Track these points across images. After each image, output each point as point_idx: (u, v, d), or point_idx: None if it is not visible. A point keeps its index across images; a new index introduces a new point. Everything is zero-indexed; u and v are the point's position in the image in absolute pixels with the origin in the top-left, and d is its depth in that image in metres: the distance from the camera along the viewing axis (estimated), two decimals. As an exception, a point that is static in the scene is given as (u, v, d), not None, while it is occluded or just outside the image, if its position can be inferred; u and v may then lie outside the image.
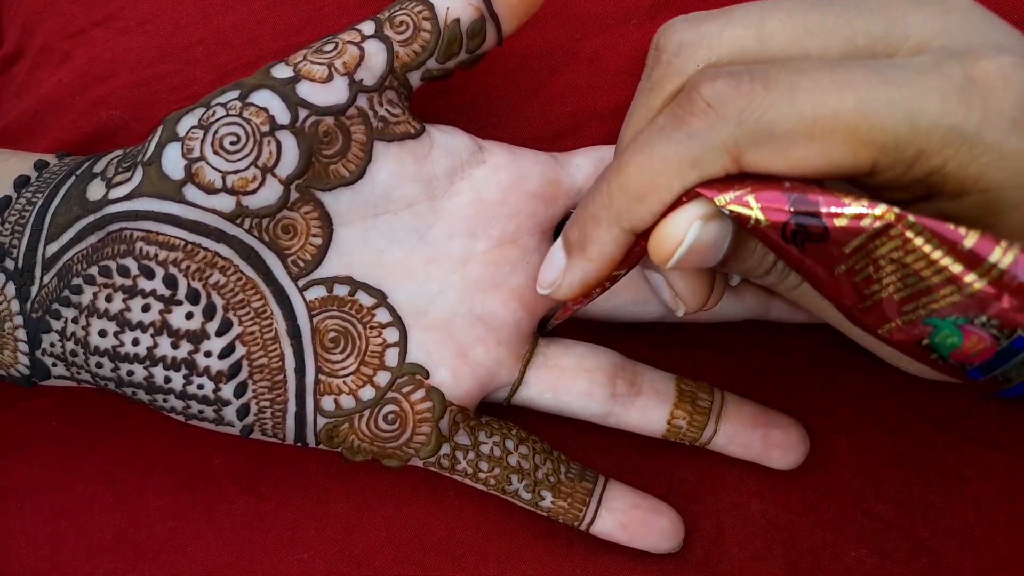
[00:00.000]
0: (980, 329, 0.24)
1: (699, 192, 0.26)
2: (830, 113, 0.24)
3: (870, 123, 0.23)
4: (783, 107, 0.24)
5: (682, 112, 0.26)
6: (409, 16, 0.33)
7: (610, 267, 0.29)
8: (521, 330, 0.34)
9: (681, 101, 0.26)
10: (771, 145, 0.24)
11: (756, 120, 0.24)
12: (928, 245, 0.23)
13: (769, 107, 0.24)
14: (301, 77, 0.32)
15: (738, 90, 0.24)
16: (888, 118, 0.23)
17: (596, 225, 0.28)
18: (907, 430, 0.37)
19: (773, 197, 0.25)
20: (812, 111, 0.24)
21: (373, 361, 0.33)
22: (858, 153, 0.24)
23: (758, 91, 0.24)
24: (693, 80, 0.26)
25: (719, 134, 0.25)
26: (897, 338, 0.25)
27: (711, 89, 0.25)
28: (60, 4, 0.43)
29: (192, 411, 0.32)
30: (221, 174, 0.31)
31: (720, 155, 0.25)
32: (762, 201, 0.25)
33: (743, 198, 0.25)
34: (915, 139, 0.23)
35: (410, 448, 0.33)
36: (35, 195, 0.34)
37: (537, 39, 0.40)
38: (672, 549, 0.35)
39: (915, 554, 0.35)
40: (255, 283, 0.32)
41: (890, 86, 0.23)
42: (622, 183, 0.27)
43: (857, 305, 0.25)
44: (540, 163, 0.35)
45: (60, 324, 0.32)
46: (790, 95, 0.24)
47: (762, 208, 0.25)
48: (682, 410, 0.35)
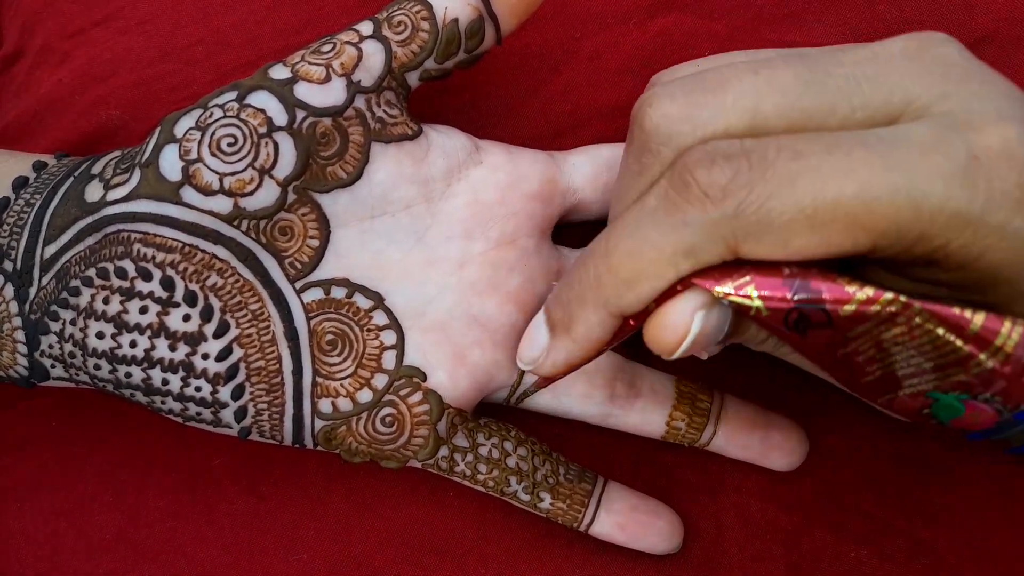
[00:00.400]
0: (983, 404, 0.24)
1: (695, 283, 0.25)
2: (831, 202, 0.23)
3: (871, 211, 0.23)
4: (783, 198, 0.23)
5: (676, 197, 0.25)
6: (407, 16, 0.33)
7: (596, 349, 0.28)
8: (518, 332, 0.34)
9: (675, 183, 0.25)
10: (770, 236, 0.23)
11: (755, 212, 0.23)
12: (937, 330, 0.23)
13: (768, 198, 0.23)
14: (299, 78, 0.32)
15: (736, 180, 0.24)
16: (890, 206, 0.23)
17: (582, 307, 0.27)
18: (907, 430, 0.36)
19: (774, 285, 0.24)
20: (812, 201, 0.23)
21: (370, 363, 0.33)
22: (858, 238, 0.23)
23: (756, 180, 0.23)
24: (688, 161, 0.25)
25: (716, 224, 0.24)
26: (897, 408, 0.25)
27: (707, 176, 0.24)
28: (60, 4, 0.43)
29: (190, 413, 0.33)
30: (218, 176, 0.31)
31: (717, 245, 0.24)
32: (762, 290, 0.24)
33: (743, 289, 0.24)
34: (918, 223, 0.23)
35: (408, 450, 0.33)
36: (33, 196, 0.34)
37: (537, 38, 0.40)
38: (671, 550, 0.35)
39: (915, 554, 0.35)
40: (252, 285, 0.32)
41: (891, 171, 0.23)
42: (611, 267, 0.26)
43: (858, 379, 0.25)
44: (538, 162, 0.35)
45: (58, 326, 0.32)
46: (789, 185, 0.23)
47: (763, 298, 0.24)
48: (681, 412, 0.35)
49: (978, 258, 0.23)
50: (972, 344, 0.23)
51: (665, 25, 0.40)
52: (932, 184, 0.23)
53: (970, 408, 0.24)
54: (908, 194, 0.22)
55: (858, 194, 0.23)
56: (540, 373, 0.30)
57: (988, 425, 0.24)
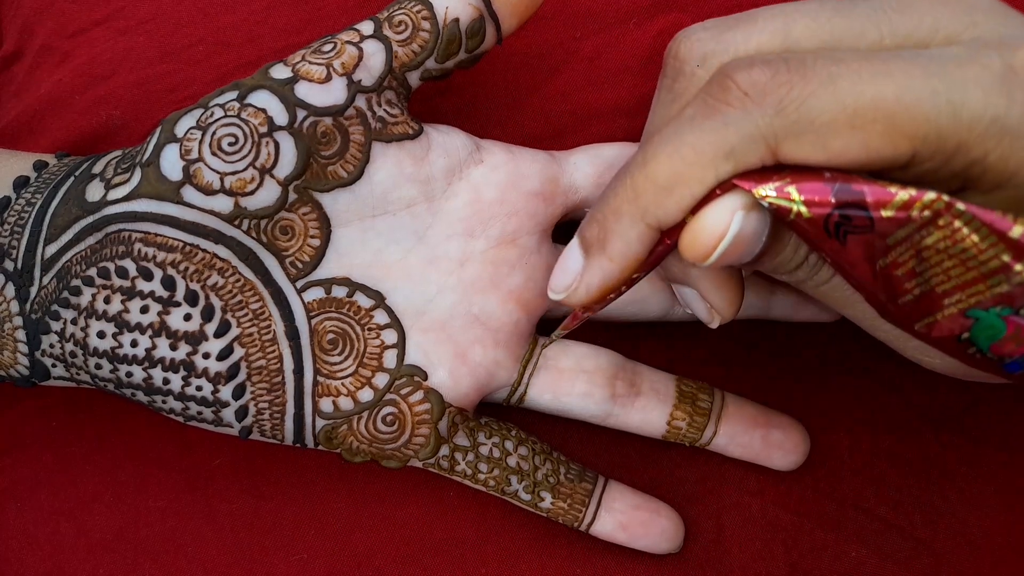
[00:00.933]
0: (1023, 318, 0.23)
1: (735, 184, 0.25)
2: (870, 103, 0.23)
3: (911, 114, 0.23)
4: (823, 96, 0.23)
5: (715, 100, 0.25)
6: (408, 16, 0.33)
7: (633, 267, 0.27)
8: (519, 331, 0.34)
9: (713, 89, 0.25)
10: (811, 136, 0.23)
11: (796, 109, 0.23)
12: (976, 235, 0.22)
13: (809, 96, 0.23)
14: (299, 78, 0.32)
15: (776, 79, 0.24)
16: (931, 109, 0.23)
17: (618, 220, 0.26)
18: (907, 430, 0.37)
19: (816, 188, 0.24)
20: (853, 101, 0.23)
21: (371, 363, 0.33)
22: (898, 144, 0.23)
23: (796, 80, 0.24)
24: (726, 68, 0.25)
25: (757, 123, 0.24)
26: (936, 334, 0.24)
27: (747, 77, 0.24)
28: (60, 4, 0.43)
29: (191, 412, 0.33)
30: (219, 175, 0.31)
31: (757, 145, 0.24)
32: (804, 192, 0.24)
33: (784, 189, 0.24)
34: (957, 131, 0.23)
35: (409, 450, 0.33)
36: (34, 196, 0.34)
37: (537, 38, 0.40)
38: (672, 550, 0.35)
39: (915, 554, 0.35)
40: (253, 284, 0.32)
41: (931, 77, 0.23)
42: (648, 174, 0.25)
43: (896, 299, 0.24)
44: (538, 161, 0.35)
45: (59, 325, 0.32)
46: (830, 84, 0.23)
47: (805, 200, 0.24)
48: (682, 411, 0.35)
49: (1016, 173, 0.23)
50: (1014, 250, 0.22)
51: (665, 25, 0.40)
52: (971, 91, 0.23)
53: (1011, 326, 0.23)
54: (948, 99, 0.23)
55: (898, 96, 0.23)
56: (572, 301, 0.28)
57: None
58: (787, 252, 0.27)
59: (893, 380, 0.37)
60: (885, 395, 0.37)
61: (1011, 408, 0.36)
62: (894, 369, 0.37)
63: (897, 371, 0.37)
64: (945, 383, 0.37)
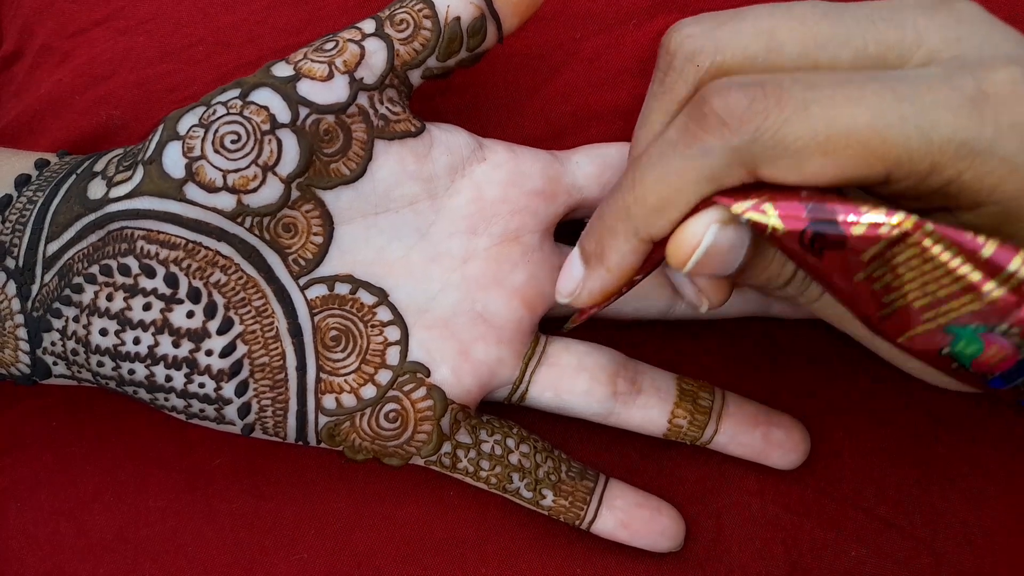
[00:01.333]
0: (1001, 338, 0.24)
1: (715, 200, 0.26)
2: (843, 129, 0.24)
3: (882, 138, 0.24)
4: (797, 124, 0.24)
5: (695, 127, 0.26)
6: (409, 14, 0.33)
7: (629, 276, 0.29)
8: (522, 328, 0.34)
9: (693, 115, 0.26)
10: (786, 160, 0.24)
11: (772, 136, 0.24)
12: (947, 253, 0.23)
13: (783, 124, 0.24)
14: (302, 75, 0.32)
15: (752, 106, 0.25)
16: (900, 134, 0.23)
17: (613, 236, 0.28)
18: (907, 430, 0.37)
19: (790, 206, 0.25)
20: (825, 127, 0.24)
21: (374, 359, 0.33)
22: (872, 166, 0.24)
23: (772, 107, 0.24)
24: (705, 92, 0.26)
25: (735, 150, 0.25)
26: (918, 347, 0.25)
27: (724, 104, 0.25)
28: (60, 4, 0.43)
29: (193, 410, 0.32)
30: (222, 173, 0.31)
31: (736, 170, 0.25)
32: (779, 209, 0.25)
33: (760, 206, 0.25)
34: (928, 153, 0.23)
35: (411, 447, 0.33)
36: (36, 194, 0.34)
37: (537, 38, 0.40)
38: (673, 548, 0.35)
39: (915, 553, 0.35)
40: (256, 282, 0.32)
41: (902, 102, 0.24)
42: (638, 197, 0.27)
43: (876, 313, 0.25)
44: (540, 161, 0.35)
45: (61, 323, 0.32)
46: (804, 112, 0.24)
47: (780, 216, 0.25)
48: (683, 409, 0.35)
49: (992, 191, 0.24)
50: (984, 269, 0.23)
51: (664, 26, 0.40)
52: (941, 114, 0.23)
53: (989, 343, 0.24)
54: (917, 124, 0.23)
55: (870, 122, 0.24)
56: (577, 304, 0.30)
57: (1010, 365, 0.24)
58: (773, 268, 0.28)
59: (894, 379, 0.37)
60: (885, 394, 0.37)
61: (1011, 408, 0.36)
62: (895, 369, 0.37)
63: (898, 371, 0.37)
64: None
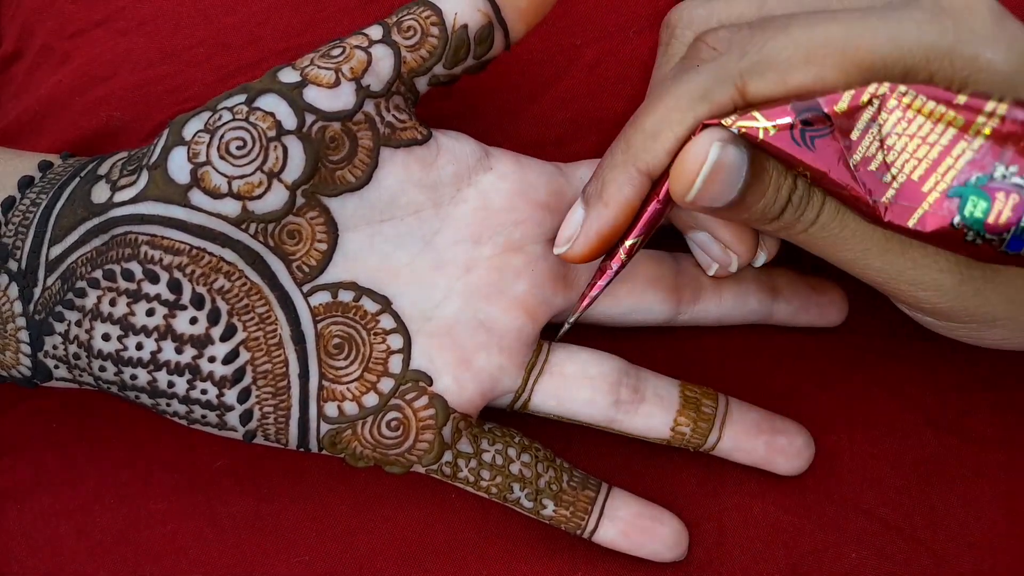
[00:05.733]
0: (1003, 184, 0.25)
1: (706, 123, 0.28)
2: (821, 41, 0.27)
3: (856, 46, 0.26)
4: (780, 39, 0.27)
5: (689, 59, 0.30)
6: (417, 21, 0.33)
7: (627, 213, 0.30)
8: (524, 337, 0.34)
9: (688, 52, 0.31)
10: (771, 73, 0.27)
11: (758, 52, 0.28)
12: (926, 108, 0.26)
13: (767, 41, 0.28)
14: (308, 82, 0.32)
15: (739, 33, 0.29)
16: (872, 41, 0.26)
17: (612, 170, 0.30)
18: (907, 431, 0.37)
19: (777, 110, 0.27)
20: (806, 40, 0.27)
21: (377, 367, 0.33)
22: (850, 74, 0.27)
23: (756, 31, 0.28)
24: (698, 36, 0.31)
25: (725, 67, 0.28)
26: (930, 227, 0.26)
27: (715, 36, 0.30)
28: (60, 4, 0.43)
29: (195, 416, 0.32)
30: (227, 179, 0.31)
31: (727, 86, 0.28)
32: (767, 115, 0.27)
33: (748, 113, 0.27)
34: (900, 58, 0.26)
35: (413, 455, 0.33)
36: (39, 196, 0.33)
37: (538, 45, 0.40)
38: (676, 558, 0.35)
39: (915, 555, 0.36)
40: (260, 288, 0.32)
41: (870, 18, 0.27)
42: (636, 126, 0.30)
43: (881, 199, 0.26)
44: (546, 173, 0.35)
45: (63, 327, 0.32)
46: (784, 30, 0.27)
47: (766, 116, 0.27)
48: (686, 417, 0.35)
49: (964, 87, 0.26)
50: (964, 112, 0.25)
51: (665, 33, 0.40)
52: (906, 25, 0.26)
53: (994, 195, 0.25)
54: (887, 31, 0.26)
55: (843, 33, 0.27)
56: (575, 252, 0.32)
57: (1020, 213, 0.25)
58: (769, 193, 0.29)
59: (893, 382, 0.37)
60: (885, 397, 0.37)
61: (1011, 409, 0.37)
62: (894, 371, 0.37)
63: (897, 373, 0.37)
64: (945, 384, 0.37)
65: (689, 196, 0.28)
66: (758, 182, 0.28)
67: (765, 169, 0.28)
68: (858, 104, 0.26)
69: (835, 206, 0.28)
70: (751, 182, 0.28)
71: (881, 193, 0.27)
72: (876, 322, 0.38)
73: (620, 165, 0.30)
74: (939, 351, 0.38)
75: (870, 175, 0.27)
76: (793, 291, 0.37)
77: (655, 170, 0.29)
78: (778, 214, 0.29)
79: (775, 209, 0.29)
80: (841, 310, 0.37)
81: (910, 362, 0.33)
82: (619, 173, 0.30)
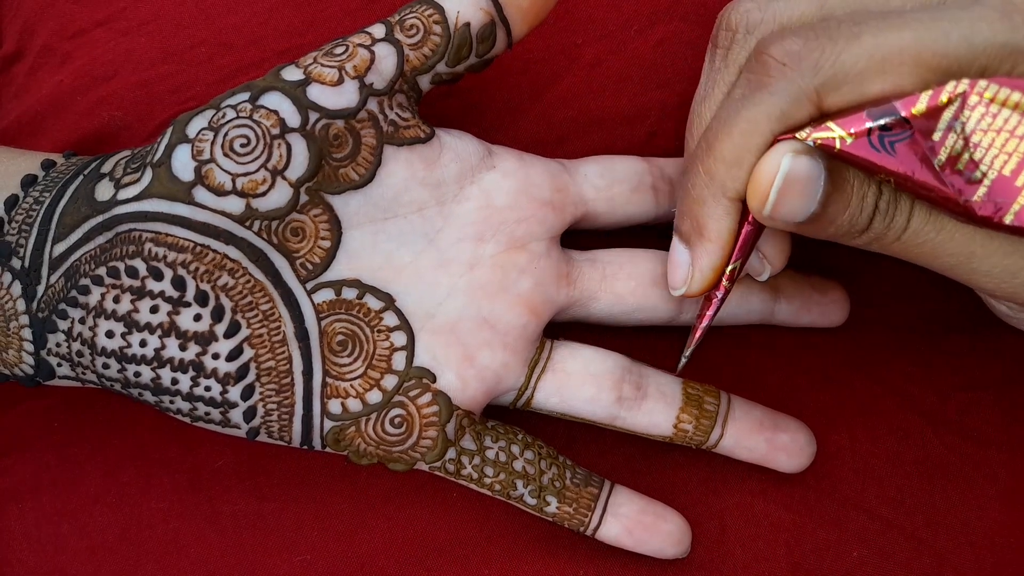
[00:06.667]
0: None
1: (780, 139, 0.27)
2: (894, 49, 0.26)
3: (931, 51, 0.25)
4: (853, 51, 0.26)
5: (757, 76, 0.28)
6: (419, 19, 0.33)
7: (731, 242, 0.30)
8: (527, 335, 0.34)
9: (753, 67, 0.28)
10: (847, 86, 0.26)
11: (831, 66, 0.26)
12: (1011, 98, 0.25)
13: (840, 53, 0.26)
14: (311, 80, 0.32)
15: (808, 44, 0.27)
16: (945, 45, 0.25)
17: (703, 204, 0.30)
18: (907, 430, 0.37)
19: (851, 119, 0.26)
20: (878, 49, 0.26)
21: (380, 365, 0.33)
22: (926, 79, 0.26)
23: (825, 42, 0.27)
24: (760, 45, 0.28)
25: (799, 86, 0.27)
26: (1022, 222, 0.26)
27: (781, 48, 0.27)
28: (61, 4, 0.43)
29: (199, 413, 0.32)
30: (231, 176, 0.31)
31: (803, 104, 0.27)
32: (840, 121, 0.26)
33: (822, 124, 0.26)
34: (975, 58, 0.25)
35: (416, 452, 0.33)
36: (42, 194, 0.33)
37: (539, 44, 0.40)
38: (679, 555, 0.35)
39: (916, 554, 0.36)
40: (264, 286, 0.32)
41: (939, 21, 0.26)
42: (716, 156, 0.28)
43: (972, 197, 0.26)
44: (549, 171, 0.35)
45: (67, 324, 0.32)
46: (856, 40, 0.26)
47: (841, 125, 0.26)
48: (688, 414, 0.35)
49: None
50: None
51: (666, 34, 0.40)
52: (977, 25, 0.25)
53: None
54: (959, 33, 0.25)
55: (916, 38, 0.26)
56: (693, 291, 0.31)
57: None
58: (854, 203, 0.28)
59: (894, 381, 0.37)
60: (887, 397, 0.37)
61: (1011, 408, 0.37)
62: (895, 370, 0.37)
63: (899, 373, 0.37)
64: (946, 383, 0.37)
65: (765, 210, 0.28)
66: (839, 192, 0.28)
67: (845, 179, 0.28)
68: (937, 104, 0.25)
69: (927, 209, 0.28)
70: (831, 192, 0.27)
71: (972, 192, 0.26)
72: (877, 321, 0.38)
73: (710, 199, 0.29)
74: (940, 350, 0.38)
75: (958, 174, 0.26)
76: (795, 291, 0.37)
77: (743, 194, 0.29)
78: (867, 224, 0.28)
79: (863, 219, 0.28)
80: (843, 310, 0.37)
81: (911, 361, 0.33)
82: (713, 207, 0.29)
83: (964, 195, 0.26)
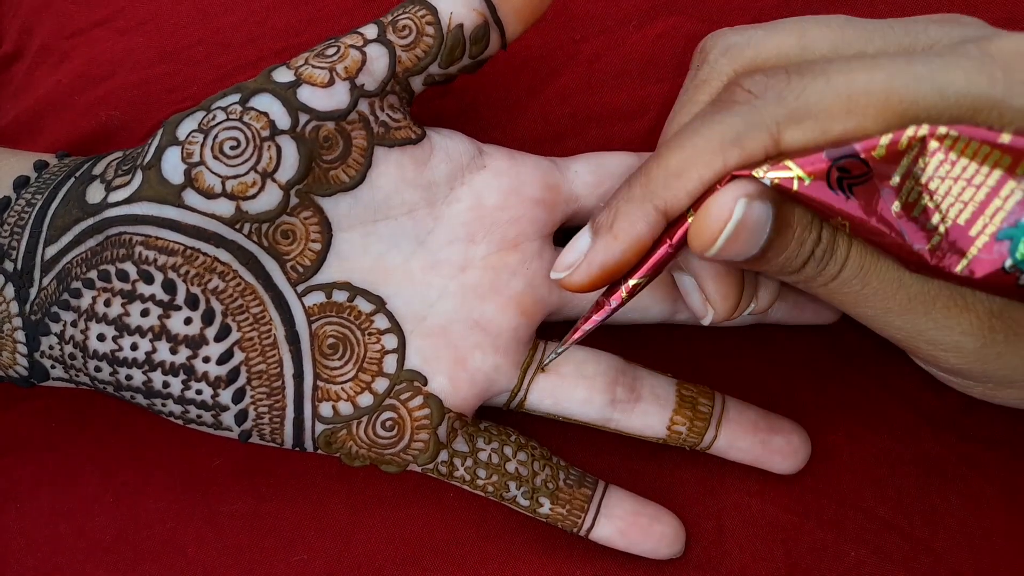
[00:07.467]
0: None
1: (736, 174, 0.26)
2: (862, 89, 0.25)
3: (900, 96, 0.25)
4: (819, 86, 0.26)
5: (723, 101, 0.27)
6: (412, 20, 0.33)
7: (636, 250, 0.28)
8: (519, 336, 0.34)
9: (722, 95, 0.28)
10: (810, 121, 0.26)
11: (796, 98, 0.26)
12: (969, 147, 0.24)
13: (806, 87, 0.26)
14: (302, 81, 0.32)
15: (776, 76, 0.26)
16: (916, 92, 0.25)
17: (628, 203, 0.28)
18: (907, 430, 0.37)
19: (810, 158, 0.25)
20: (846, 88, 0.25)
21: (371, 367, 0.33)
22: (891, 124, 0.25)
23: (794, 77, 0.26)
24: (734, 78, 0.28)
25: (760, 112, 0.26)
26: (980, 273, 0.25)
27: (751, 80, 0.27)
28: (59, 4, 0.43)
29: (191, 416, 0.33)
30: (221, 179, 0.31)
31: (761, 133, 0.26)
32: (800, 163, 0.25)
33: (781, 163, 0.25)
34: (946, 108, 0.24)
35: (408, 455, 0.33)
36: (34, 196, 0.33)
37: (537, 41, 0.40)
38: (673, 555, 0.35)
39: (915, 554, 0.35)
40: (254, 289, 0.32)
41: (915, 64, 0.25)
42: (660, 163, 0.27)
43: (925, 246, 0.25)
44: (540, 168, 0.35)
45: (59, 327, 0.32)
46: (824, 76, 0.26)
47: (800, 164, 0.25)
48: (682, 416, 0.35)
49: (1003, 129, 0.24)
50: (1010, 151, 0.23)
51: (664, 28, 0.40)
52: (952, 73, 0.25)
53: None
54: (932, 80, 0.25)
55: (886, 80, 0.25)
56: (572, 280, 0.29)
57: None
58: (792, 248, 0.27)
59: (892, 381, 0.37)
60: (884, 396, 0.37)
61: (1010, 408, 0.37)
62: (893, 370, 0.37)
63: (896, 372, 0.37)
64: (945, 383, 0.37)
65: (710, 252, 0.26)
66: (780, 237, 0.27)
67: (789, 224, 0.27)
68: (896, 148, 0.24)
69: (858, 263, 0.27)
70: (773, 237, 0.27)
71: (926, 240, 0.25)
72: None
73: (637, 200, 0.28)
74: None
75: (913, 222, 0.25)
76: (789, 289, 0.36)
77: (673, 211, 0.27)
78: (799, 268, 0.28)
79: (796, 262, 0.28)
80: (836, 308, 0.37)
81: (908, 360, 0.33)
82: (635, 208, 0.28)
83: (917, 243, 0.25)
